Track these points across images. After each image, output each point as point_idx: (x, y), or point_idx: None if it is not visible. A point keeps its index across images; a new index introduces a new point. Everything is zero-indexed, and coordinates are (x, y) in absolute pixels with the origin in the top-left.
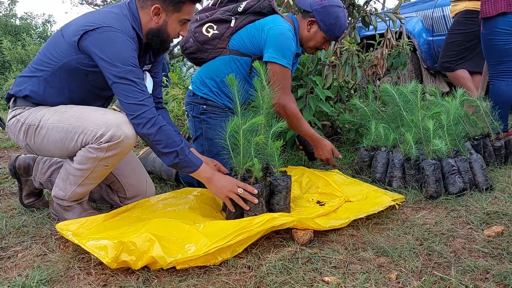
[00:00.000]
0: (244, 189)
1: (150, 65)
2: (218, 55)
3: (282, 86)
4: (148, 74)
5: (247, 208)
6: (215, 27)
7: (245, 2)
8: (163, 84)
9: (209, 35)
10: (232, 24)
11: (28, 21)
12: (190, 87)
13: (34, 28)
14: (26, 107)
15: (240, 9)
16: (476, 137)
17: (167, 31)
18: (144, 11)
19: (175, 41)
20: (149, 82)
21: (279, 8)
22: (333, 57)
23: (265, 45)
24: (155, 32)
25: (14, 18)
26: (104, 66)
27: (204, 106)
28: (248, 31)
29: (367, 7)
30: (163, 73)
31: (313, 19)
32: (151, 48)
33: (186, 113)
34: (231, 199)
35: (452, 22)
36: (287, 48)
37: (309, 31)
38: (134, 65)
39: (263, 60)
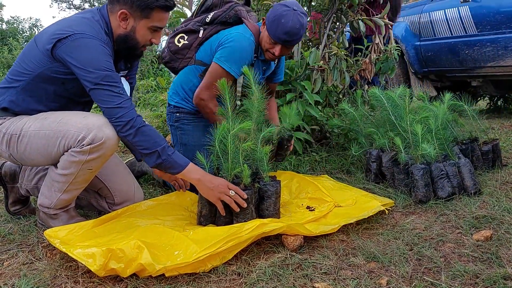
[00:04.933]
0: (235, 192)
1: (126, 71)
2: (187, 64)
3: (208, 82)
4: (124, 80)
5: (237, 210)
6: (186, 37)
7: (213, 12)
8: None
9: (180, 45)
10: (200, 35)
11: (14, 25)
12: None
13: (21, 32)
14: (7, 117)
15: (208, 20)
16: (464, 141)
17: (135, 37)
18: (113, 15)
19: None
20: (125, 88)
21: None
22: (322, 62)
23: (217, 50)
24: (122, 38)
25: (0, 23)
26: (79, 73)
27: (177, 114)
28: (211, 41)
29: (355, 12)
30: None
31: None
32: (120, 55)
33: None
34: (222, 202)
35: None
36: (238, 53)
37: (263, 34)
38: (109, 70)
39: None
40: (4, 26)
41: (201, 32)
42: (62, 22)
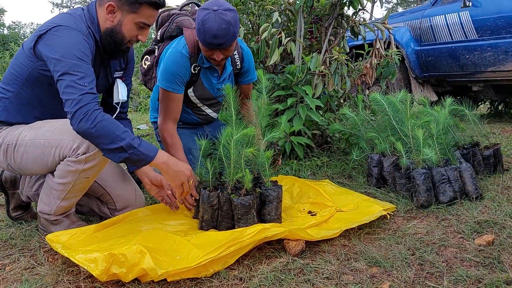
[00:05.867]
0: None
1: (122, 72)
2: (155, 83)
3: (161, 109)
4: (120, 81)
5: (190, 206)
6: (149, 58)
7: (161, 29)
8: None
9: (146, 66)
10: (156, 53)
11: (16, 30)
12: None
13: (22, 37)
14: (3, 127)
15: (158, 37)
16: (465, 146)
17: (121, 31)
18: (101, 8)
19: None
20: (122, 88)
21: None
22: (323, 67)
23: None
24: (108, 32)
25: (2, 28)
26: (50, 64)
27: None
28: (161, 58)
29: (355, 17)
30: None
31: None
32: (106, 50)
33: None
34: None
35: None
36: (169, 70)
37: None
38: (80, 59)
39: None
40: (5, 31)
41: (156, 50)
42: (45, 22)
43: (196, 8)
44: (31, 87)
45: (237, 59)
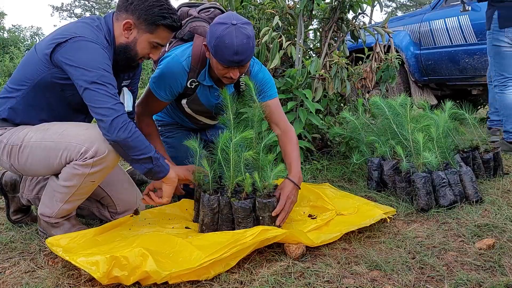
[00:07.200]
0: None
1: (129, 80)
2: None
3: (143, 103)
4: (126, 90)
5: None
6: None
7: None
8: None
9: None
10: (166, 48)
11: (16, 33)
12: None
13: (22, 41)
14: (7, 127)
15: None
16: (465, 150)
17: (135, 48)
18: (117, 23)
19: None
20: (128, 98)
21: None
22: (323, 71)
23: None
24: (123, 48)
25: (2, 31)
26: (75, 73)
27: (159, 128)
28: (164, 57)
29: (355, 21)
30: None
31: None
32: (118, 64)
33: None
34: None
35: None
36: (162, 78)
37: (211, 60)
38: (107, 71)
39: None
40: (5, 35)
41: (167, 46)
42: (62, 28)
43: (218, 11)
44: (42, 91)
45: (242, 84)
